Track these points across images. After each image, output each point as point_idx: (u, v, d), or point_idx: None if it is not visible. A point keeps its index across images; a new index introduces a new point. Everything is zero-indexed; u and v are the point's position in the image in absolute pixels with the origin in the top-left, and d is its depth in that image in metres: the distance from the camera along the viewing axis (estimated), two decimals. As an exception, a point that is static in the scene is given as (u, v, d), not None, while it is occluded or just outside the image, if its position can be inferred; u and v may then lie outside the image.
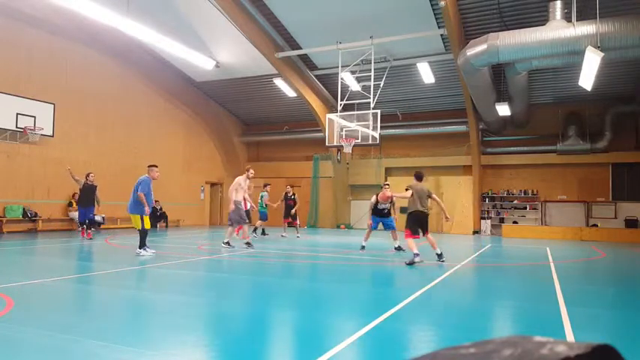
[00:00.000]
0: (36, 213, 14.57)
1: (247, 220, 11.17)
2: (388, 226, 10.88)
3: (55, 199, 15.30)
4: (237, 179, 10.78)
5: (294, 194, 15.06)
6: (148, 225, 8.95)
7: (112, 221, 17.07)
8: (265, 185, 15.52)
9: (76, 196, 15.58)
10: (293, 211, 14.89)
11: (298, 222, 15.23)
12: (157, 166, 9.31)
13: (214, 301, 5.15)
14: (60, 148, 15.37)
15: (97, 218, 16.04)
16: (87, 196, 12.50)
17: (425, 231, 8.62)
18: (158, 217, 18.82)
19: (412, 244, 8.28)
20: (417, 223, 8.48)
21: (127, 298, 5.15)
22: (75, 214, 15.45)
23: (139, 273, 6.93)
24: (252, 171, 10.87)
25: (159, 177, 9.32)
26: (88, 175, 12.50)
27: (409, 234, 8.38)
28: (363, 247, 10.68)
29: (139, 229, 8.92)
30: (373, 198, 10.80)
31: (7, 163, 13.97)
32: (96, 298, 5.35)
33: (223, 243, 10.55)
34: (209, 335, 3.79)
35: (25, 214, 14.24)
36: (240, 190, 10.66)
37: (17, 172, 14.25)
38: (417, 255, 8.11)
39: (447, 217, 9.09)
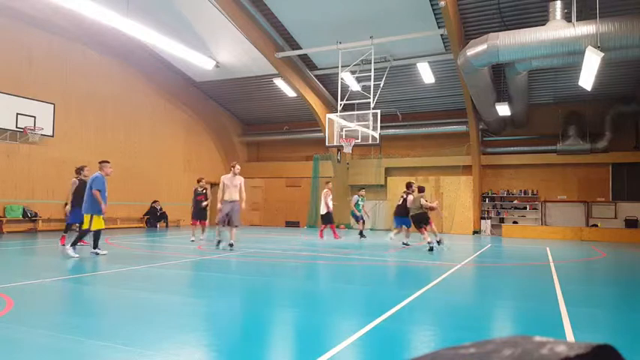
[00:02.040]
0: (36, 213, 14.57)
1: (227, 223, 10.38)
2: (407, 223, 12.32)
3: (55, 199, 15.30)
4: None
5: (204, 189, 13.00)
6: (96, 226, 8.40)
7: (111, 221, 17.08)
8: (360, 189, 15.44)
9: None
10: (205, 204, 12.85)
11: (207, 222, 13.27)
12: (109, 162, 8.80)
13: (214, 301, 5.15)
14: (60, 148, 15.37)
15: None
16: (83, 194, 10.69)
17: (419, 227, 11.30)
18: (158, 217, 18.84)
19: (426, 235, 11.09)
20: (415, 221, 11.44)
21: (127, 298, 5.15)
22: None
23: (139, 273, 6.93)
24: (237, 167, 10.44)
25: (112, 173, 8.90)
26: (83, 169, 10.59)
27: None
28: (406, 244, 12.20)
29: (83, 228, 8.56)
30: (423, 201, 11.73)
31: (7, 163, 13.98)
32: (96, 298, 5.35)
33: (229, 244, 10.43)
34: (209, 335, 3.79)
35: (25, 214, 14.25)
36: (226, 189, 10.20)
37: (17, 172, 14.25)
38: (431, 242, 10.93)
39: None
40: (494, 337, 0.46)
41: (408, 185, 12.19)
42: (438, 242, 11.85)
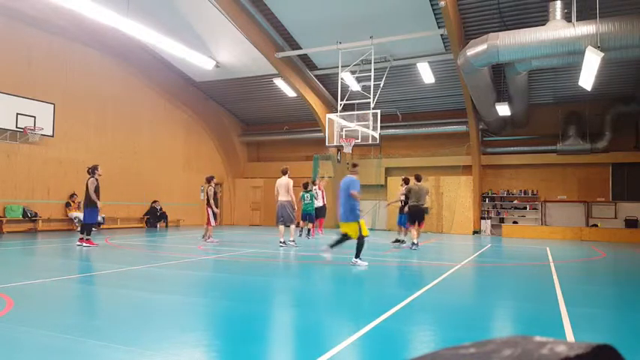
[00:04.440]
0: (36, 213, 14.56)
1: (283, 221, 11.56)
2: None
3: (55, 199, 15.30)
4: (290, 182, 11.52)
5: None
6: (366, 232, 7.90)
7: (112, 221, 17.08)
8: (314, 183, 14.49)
9: (75, 198, 15.56)
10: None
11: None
12: (357, 165, 8.64)
13: (214, 301, 5.16)
14: (60, 148, 15.37)
15: (98, 218, 16.04)
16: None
17: (419, 223, 11.29)
18: (158, 217, 18.84)
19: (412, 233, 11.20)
20: (413, 215, 11.27)
21: (127, 298, 5.15)
22: (78, 215, 15.41)
23: (139, 273, 6.93)
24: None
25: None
26: (97, 169, 10.54)
27: (409, 225, 11.38)
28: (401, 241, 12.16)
29: (356, 238, 7.86)
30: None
31: (7, 163, 13.98)
32: (96, 298, 5.35)
33: (289, 241, 11.46)
34: (209, 335, 3.79)
35: (25, 214, 14.24)
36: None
37: (17, 172, 14.25)
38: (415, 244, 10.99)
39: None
40: (494, 337, 0.46)
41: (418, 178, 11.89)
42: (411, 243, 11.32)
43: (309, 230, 14.50)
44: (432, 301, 5.26)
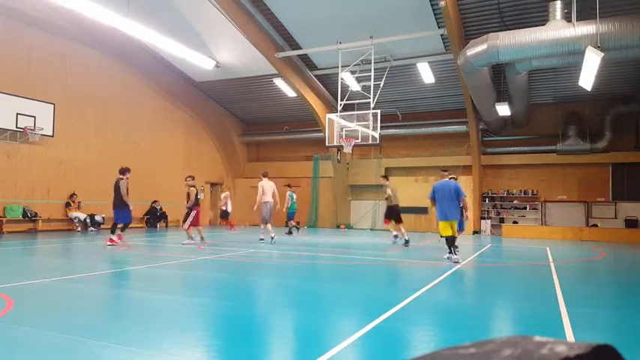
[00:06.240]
0: (36, 213, 14.56)
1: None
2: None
3: (55, 199, 15.29)
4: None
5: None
6: (447, 232, 8.85)
7: (112, 221, 17.06)
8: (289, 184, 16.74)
9: (75, 198, 15.57)
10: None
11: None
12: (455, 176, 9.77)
13: (214, 301, 5.15)
14: (60, 148, 15.37)
15: (97, 218, 16.09)
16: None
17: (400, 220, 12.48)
18: (158, 217, 18.83)
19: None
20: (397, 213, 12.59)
21: (127, 298, 5.15)
22: (78, 215, 15.42)
23: (138, 273, 6.93)
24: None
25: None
26: (129, 171, 11.15)
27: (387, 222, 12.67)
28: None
29: (446, 236, 8.78)
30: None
31: (7, 163, 13.97)
32: (96, 298, 5.35)
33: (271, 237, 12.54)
34: (209, 335, 3.79)
35: (25, 214, 14.24)
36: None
37: (17, 172, 14.25)
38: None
39: None
40: (494, 337, 0.46)
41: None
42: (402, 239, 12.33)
43: (298, 228, 16.46)
44: (432, 301, 5.26)
